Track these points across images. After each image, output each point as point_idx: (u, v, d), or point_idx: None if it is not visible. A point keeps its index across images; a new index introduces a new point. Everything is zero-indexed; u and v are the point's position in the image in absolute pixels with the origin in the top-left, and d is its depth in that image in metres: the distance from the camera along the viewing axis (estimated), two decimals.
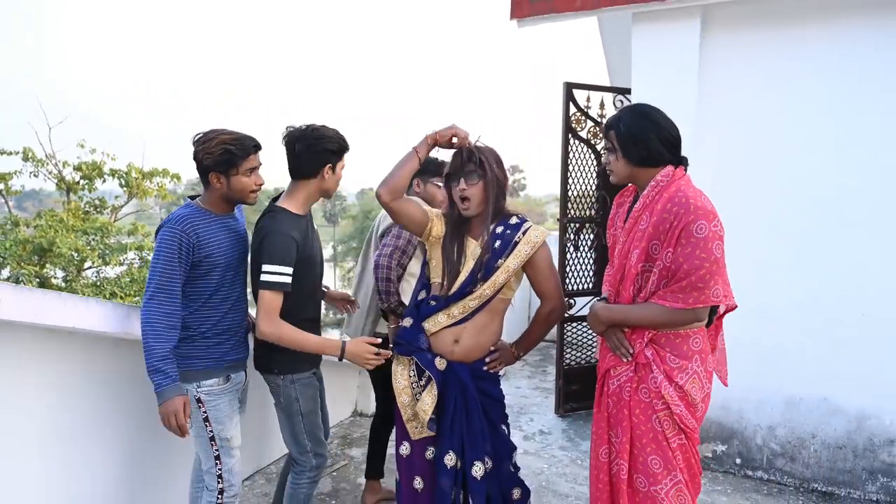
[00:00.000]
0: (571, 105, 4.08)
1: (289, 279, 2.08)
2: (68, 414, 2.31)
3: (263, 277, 2.06)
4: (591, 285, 4.34)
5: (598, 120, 4.21)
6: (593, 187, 4.26)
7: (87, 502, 2.41)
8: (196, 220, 2.08)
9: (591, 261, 4.34)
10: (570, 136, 4.10)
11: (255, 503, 3.07)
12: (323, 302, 2.50)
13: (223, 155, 2.05)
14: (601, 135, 4.21)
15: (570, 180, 4.15)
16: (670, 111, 2.38)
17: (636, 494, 1.93)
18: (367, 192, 58.28)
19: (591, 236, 4.31)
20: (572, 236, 4.23)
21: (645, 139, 1.89)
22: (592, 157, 4.23)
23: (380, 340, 2.19)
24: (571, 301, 4.25)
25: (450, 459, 2.10)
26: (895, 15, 2.92)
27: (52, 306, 1.96)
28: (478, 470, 2.10)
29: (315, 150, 2.15)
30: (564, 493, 3.21)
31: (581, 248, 4.28)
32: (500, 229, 2.12)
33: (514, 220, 2.14)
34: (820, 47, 3.06)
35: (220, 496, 2.20)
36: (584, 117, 4.15)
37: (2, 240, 11.74)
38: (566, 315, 4.24)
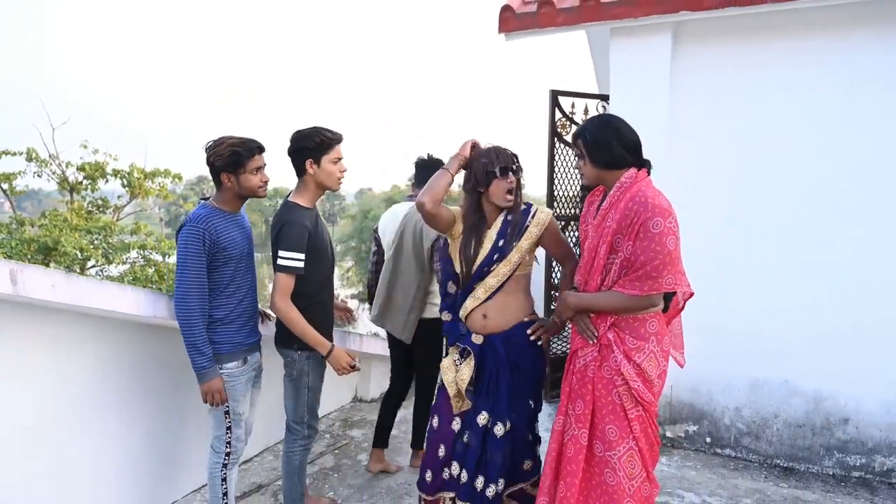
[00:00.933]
0: (557, 111, 4.37)
1: (301, 264, 2.38)
2: (101, 389, 2.60)
3: (279, 262, 2.36)
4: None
5: None
6: (578, 187, 4.55)
7: (119, 464, 2.71)
8: (213, 219, 2.36)
9: (576, 255, 4.62)
10: (555, 139, 4.39)
11: (265, 476, 3.35)
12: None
13: (231, 156, 2.34)
14: None
15: (556, 181, 4.44)
16: (644, 117, 2.67)
17: (593, 458, 2.18)
18: (366, 192, 58.45)
19: (576, 233, 4.59)
20: None
21: (608, 145, 2.15)
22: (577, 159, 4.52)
23: (357, 355, 2.50)
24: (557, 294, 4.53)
25: (482, 419, 2.37)
26: (851, 30, 3.22)
27: (95, 291, 2.25)
28: (499, 429, 2.37)
29: (295, 150, 2.47)
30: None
31: None
32: (510, 217, 2.39)
33: (522, 207, 2.43)
34: (783, 59, 3.34)
35: (225, 458, 2.51)
36: (569, 122, 4.44)
37: (8, 239, 11.97)
38: (552, 309, 4.52)
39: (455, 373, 2.42)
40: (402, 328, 3.14)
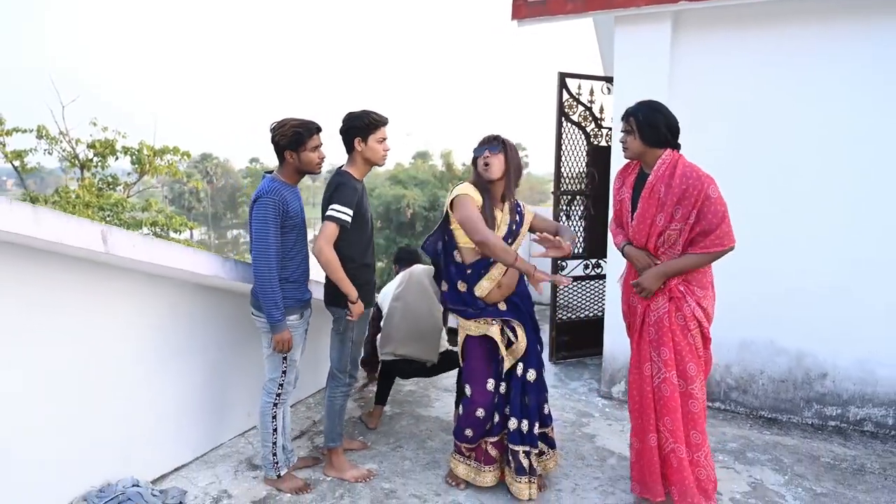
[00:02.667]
0: (565, 92, 4.66)
1: (348, 218, 2.72)
2: (159, 340, 2.95)
3: (329, 213, 2.71)
4: (581, 250, 4.96)
5: (588, 105, 4.80)
6: (583, 164, 4.86)
7: (179, 404, 3.08)
8: (282, 191, 2.67)
9: (582, 228, 4.95)
10: (563, 119, 4.69)
11: (300, 425, 3.72)
12: None
13: (294, 136, 2.65)
14: (591, 119, 4.81)
15: (564, 158, 4.75)
16: (644, 97, 2.97)
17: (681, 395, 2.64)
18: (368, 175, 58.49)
19: (581, 207, 4.92)
20: (565, 207, 4.84)
21: (657, 126, 2.54)
22: (583, 138, 4.82)
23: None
24: (563, 264, 4.88)
25: (519, 370, 2.78)
26: (840, 19, 3.51)
27: (166, 250, 2.59)
28: (531, 375, 2.79)
29: (347, 129, 2.82)
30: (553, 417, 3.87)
31: (572, 217, 4.90)
32: (515, 208, 2.87)
33: (520, 204, 2.91)
34: (775, 45, 3.63)
35: (276, 398, 2.87)
36: (575, 103, 4.73)
37: None
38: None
39: (505, 342, 2.76)
40: (432, 349, 3.58)
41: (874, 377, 3.63)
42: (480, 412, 2.79)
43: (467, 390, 2.85)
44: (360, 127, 2.79)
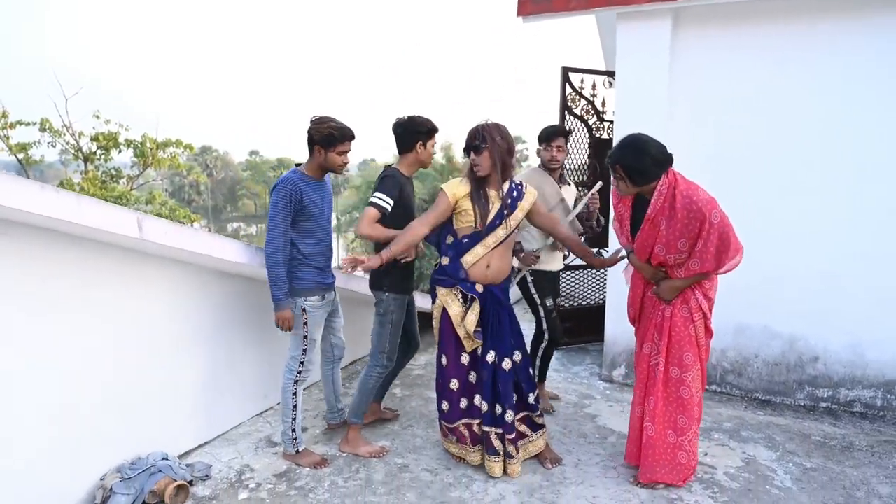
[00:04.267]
0: (568, 86, 4.80)
1: (387, 206, 2.98)
2: (187, 324, 3.11)
3: (371, 199, 2.99)
4: (583, 240, 5.10)
5: (591, 99, 4.94)
6: (585, 157, 5.00)
7: (204, 385, 3.25)
8: (299, 182, 2.88)
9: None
10: (566, 112, 4.83)
11: (313, 405, 3.88)
12: None
13: (327, 136, 2.85)
14: (593, 112, 4.95)
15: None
16: (646, 90, 3.10)
17: (670, 380, 2.81)
18: (370, 163, 58.63)
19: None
20: None
21: (645, 168, 2.59)
22: (585, 130, 4.97)
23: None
24: (566, 253, 5.03)
25: (490, 357, 2.91)
26: (841, 14, 3.65)
27: (193, 237, 2.75)
28: (507, 364, 2.92)
29: (410, 132, 3.07)
30: (546, 404, 4.05)
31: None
32: (507, 186, 2.90)
33: (517, 182, 2.96)
34: (771, 39, 3.77)
35: (297, 376, 3.05)
36: (578, 97, 4.87)
37: None
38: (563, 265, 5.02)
39: (462, 318, 2.89)
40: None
41: (864, 360, 3.80)
42: (454, 383, 2.96)
43: (443, 360, 2.99)
44: (422, 132, 3.08)
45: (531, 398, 3.02)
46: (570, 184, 3.91)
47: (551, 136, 3.66)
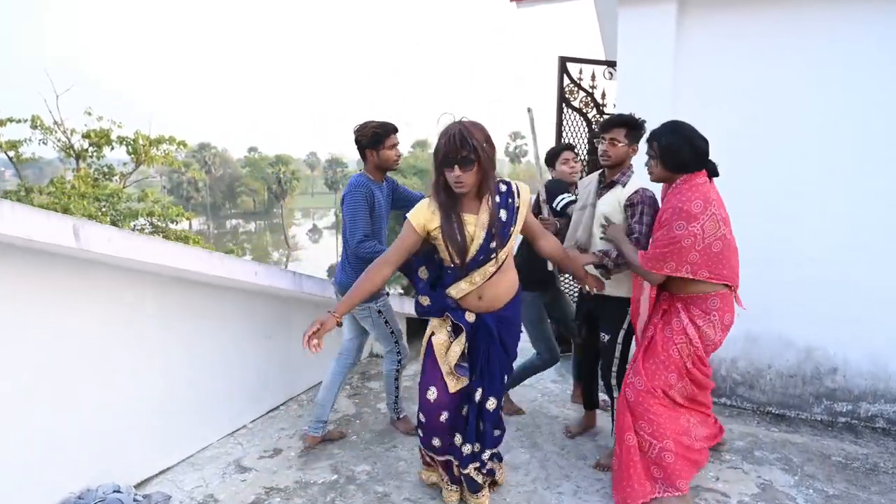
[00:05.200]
0: (566, 77, 4.50)
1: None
2: (142, 337, 2.83)
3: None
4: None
5: (590, 91, 4.63)
6: (584, 152, 4.70)
7: (163, 404, 2.96)
8: (369, 184, 2.98)
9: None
10: (564, 105, 4.53)
11: (290, 423, 3.60)
12: None
13: (373, 136, 2.94)
14: (592, 104, 4.65)
15: None
16: (650, 78, 2.86)
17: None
18: None
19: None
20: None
21: (679, 151, 2.48)
22: (584, 124, 4.67)
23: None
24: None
25: (477, 395, 2.50)
26: (845, 1, 3.34)
27: (143, 244, 2.45)
28: (491, 404, 2.54)
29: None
30: (554, 414, 3.75)
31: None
32: (498, 199, 2.31)
33: (503, 187, 2.34)
34: (777, 26, 3.47)
35: (398, 364, 3.29)
36: (577, 88, 4.57)
37: None
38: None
39: (446, 350, 2.49)
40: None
41: (886, 372, 3.50)
42: (444, 416, 2.55)
43: (430, 393, 2.53)
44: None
45: (497, 433, 2.66)
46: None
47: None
